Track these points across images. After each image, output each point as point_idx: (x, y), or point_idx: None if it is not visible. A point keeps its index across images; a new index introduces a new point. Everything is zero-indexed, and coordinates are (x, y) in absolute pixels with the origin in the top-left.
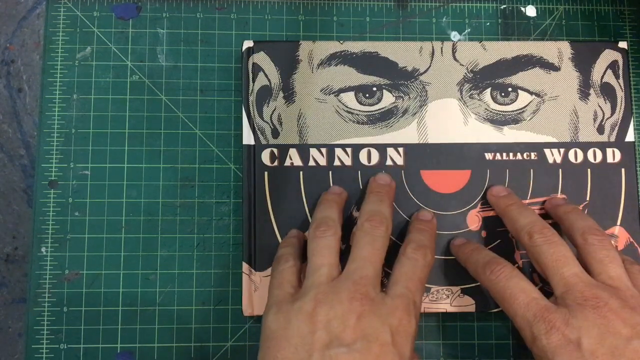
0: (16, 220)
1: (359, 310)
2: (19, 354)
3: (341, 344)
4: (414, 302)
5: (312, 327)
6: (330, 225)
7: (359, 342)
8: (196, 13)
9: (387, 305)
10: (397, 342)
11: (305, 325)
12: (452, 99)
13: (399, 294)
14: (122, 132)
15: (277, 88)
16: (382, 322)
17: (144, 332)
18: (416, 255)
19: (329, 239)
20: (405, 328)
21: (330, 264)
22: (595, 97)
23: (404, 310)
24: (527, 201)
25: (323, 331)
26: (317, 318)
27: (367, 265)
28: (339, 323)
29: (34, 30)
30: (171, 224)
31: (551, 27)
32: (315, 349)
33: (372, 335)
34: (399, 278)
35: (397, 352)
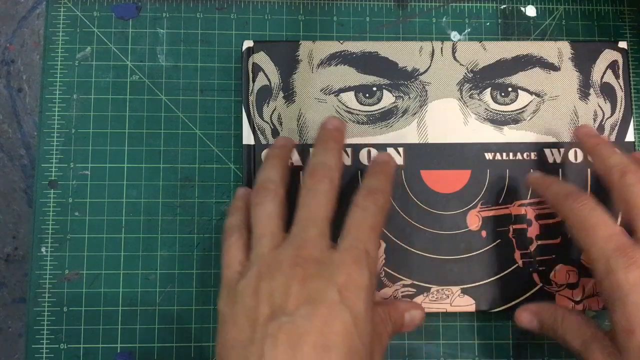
0: (16, 220)
1: (302, 275)
2: (19, 354)
3: (284, 313)
4: (365, 252)
5: (255, 303)
6: (270, 188)
7: (302, 308)
8: (196, 13)
9: (334, 262)
10: (346, 299)
11: (249, 302)
12: (452, 99)
13: (347, 247)
14: (122, 132)
15: (277, 88)
16: (327, 281)
17: (144, 332)
18: (366, 202)
19: (267, 205)
20: (356, 282)
21: (272, 232)
22: (595, 97)
23: (352, 263)
24: (527, 201)
25: (265, 304)
26: (260, 292)
27: (309, 226)
28: (281, 293)
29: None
30: (171, 224)
31: (551, 27)
32: (258, 324)
33: (317, 297)
34: (349, 229)
35: (347, 308)
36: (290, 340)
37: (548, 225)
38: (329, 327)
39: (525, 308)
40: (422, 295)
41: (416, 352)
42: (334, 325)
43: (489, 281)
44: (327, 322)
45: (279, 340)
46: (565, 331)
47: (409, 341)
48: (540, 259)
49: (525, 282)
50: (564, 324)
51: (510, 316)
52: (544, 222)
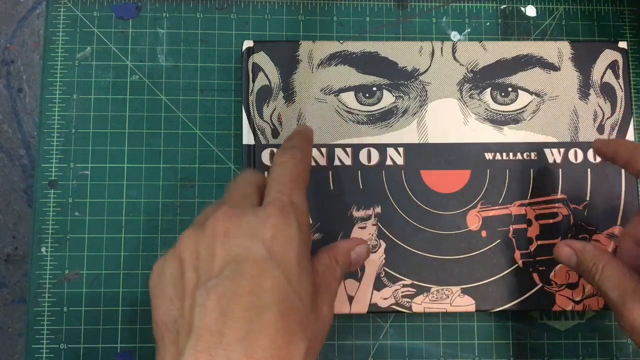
0: (16, 220)
1: (222, 231)
2: (19, 354)
3: (210, 277)
4: (290, 202)
5: (180, 270)
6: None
7: (227, 269)
8: (196, 13)
9: (258, 216)
10: (275, 253)
11: (175, 271)
12: (452, 99)
13: (270, 200)
14: (122, 132)
15: (277, 88)
16: (252, 236)
17: (144, 332)
18: (284, 158)
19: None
20: (284, 233)
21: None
22: (595, 97)
23: (278, 215)
24: (527, 201)
25: (191, 271)
26: (183, 258)
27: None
28: (206, 254)
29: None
30: (171, 224)
31: (551, 27)
32: (186, 293)
33: (242, 255)
34: (270, 185)
35: (276, 263)
36: (220, 305)
37: (548, 225)
38: (259, 286)
39: (567, 242)
40: (422, 295)
41: (416, 352)
42: (264, 283)
43: (489, 281)
44: (256, 281)
45: (209, 307)
46: (604, 279)
47: (409, 341)
48: (540, 259)
49: (525, 282)
50: (604, 271)
51: (511, 316)
52: (544, 222)
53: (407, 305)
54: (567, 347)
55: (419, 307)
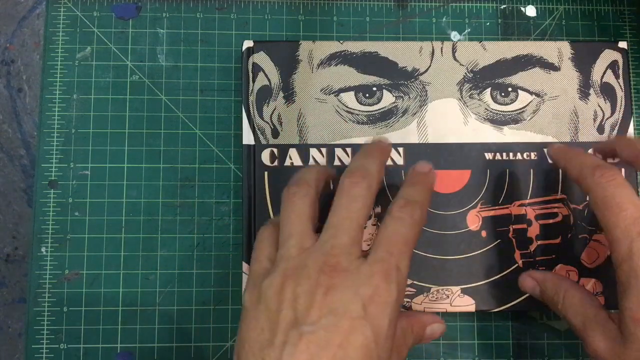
0: (16, 220)
1: (327, 284)
2: (19, 354)
3: (306, 322)
4: (396, 267)
5: (278, 305)
6: (302, 184)
7: (324, 319)
8: (196, 13)
9: (361, 274)
10: (370, 314)
11: (273, 303)
12: (452, 99)
13: (378, 259)
14: (122, 132)
15: (277, 88)
16: (353, 293)
17: (144, 332)
18: (402, 214)
19: (298, 204)
20: (382, 297)
21: (301, 232)
22: (595, 97)
23: (381, 277)
24: (527, 201)
25: (289, 309)
26: (284, 295)
27: (340, 232)
28: (305, 299)
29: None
30: (171, 224)
31: (551, 27)
32: (279, 329)
33: (340, 309)
34: (381, 241)
35: (369, 324)
36: (310, 351)
37: (548, 225)
38: (349, 342)
39: (529, 274)
40: (422, 295)
41: (416, 352)
42: (355, 340)
43: (489, 281)
44: (347, 337)
45: (298, 349)
46: (567, 307)
47: None
48: (540, 259)
49: None
50: (566, 299)
51: (510, 316)
52: (544, 222)
53: (407, 305)
54: (567, 347)
55: (419, 307)
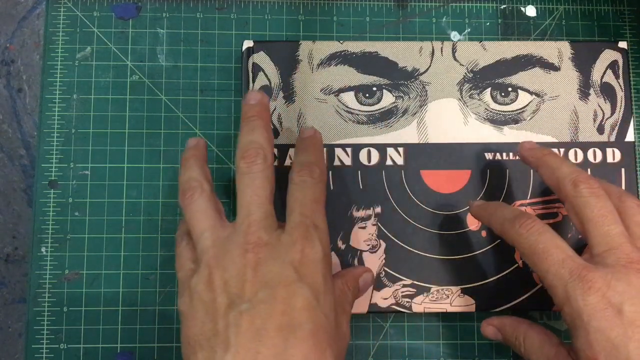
0: (16, 220)
1: (254, 260)
2: (19, 354)
3: (242, 300)
4: (313, 226)
5: (212, 295)
6: (194, 186)
7: (260, 292)
8: (196, 13)
9: (284, 242)
10: (304, 275)
11: (206, 295)
12: (452, 99)
13: (294, 225)
14: (122, 132)
15: (277, 88)
16: (281, 262)
17: (144, 332)
18: (302, 177)
19: (197, 203)
20: (310, 256)
21: (211, 225)
22: (595, 97)
23: (303, 239)
24: (527, 201)
25: (222, 295)
26: (214, 284)
27: (252, 209)
28: (236, 281)
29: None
30: (171, 224)
31: (551, 27)
32: (219, 315)
33: (273, 279)
34: (292, 207)
35: (305, 285)
36: (254, 325)
37: (548, 225)
38: (290, 306)
39: (489, 322)
40: (422, 295)
41: (416, 352)
42: (295, 303)
43: (489, 281)
44: (287, 302)
45: (243, 327)
46: (529, 350)
47: (409, 341)
48: None
49: (525, 282)
50: (526, 343)
51: None
52: (543, 222)
53: (407, 305)
54: None
55: (419, 307)
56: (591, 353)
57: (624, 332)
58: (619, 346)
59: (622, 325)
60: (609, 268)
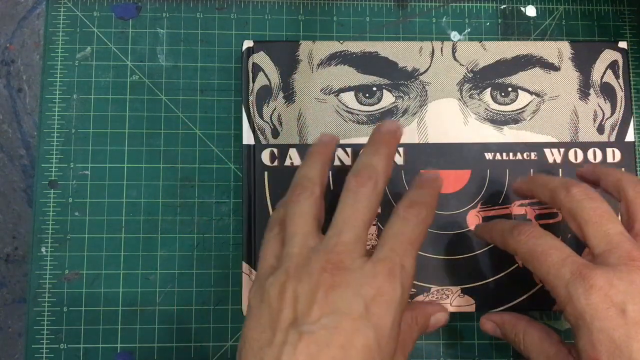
0: (16, 220)
1: (329, 283)
2: (19, 354)
3: (306, 321)
4: (400, 266)
5: (280, 305)
6: (306, 186)
7: (325, 318)
8: (196, 13)
9: (365, 272)
10: (373, 314)
11: (274, 302)
12: (452, 99)
13: (381, 258)
14: (122, 132)
15: (277, 88)
16: (356, 292)
17: (144, 332)
18: (407, 214)
19: (302, 204)
20: (386, 296)
21: (304, 232)
22: (595, 97)
23: (385, 275)
24: (527, 201)
25: (289, 309)
26: (285, 294)
27: (345, 230)
28: (306, 298)
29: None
30: (171, 224)
31: (551, 27)
32: (279, 329)
33: (342, 309)
34: (386, 240)
35: (372, 325)
36: (309, 351)
37: (548, 225)
38: (350, 343)
39: (488, 317)
40: (422, 295)
41: (416, 352)
42: (356, 341)
43: (489, 281)
44: (348, 337)
45: (298, 349)
46: (528, 347)
47: None
48: None
49: (525, 282)
50: (526, 340)
51: None
52: (544, 222)
53: None
54: None
55: None
56: (594, 353)
57: (627, 332)
58: (621, 346)
59: (626, 325)
60: (610, 267)
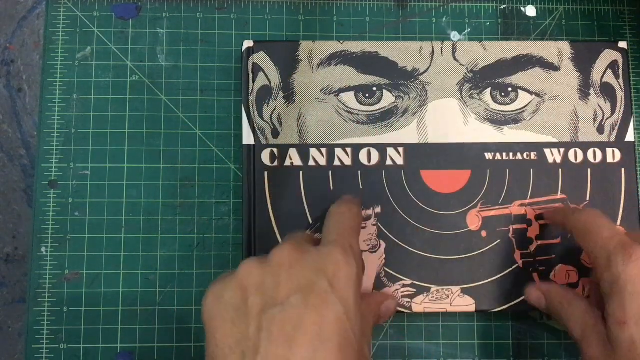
0: (16, 220)
1: (289, 261)
2: (19, 354)
3: (275, 303)
4: (350, 246)
5: (243, 295)
6: None
7: (293, 297)
8: (196, 13)
9: (321, 253)
10: (337, 289)
11: (236, 295)
12: (452, 99)
13: (332, 241)
14: (122, 132)
15: (277, 88)
16: (317, 270)
17: (144, 332)
18: (341, 209)
19: None
20: (345, 273)
21: None
22: (595, 97)
23: (340, 254)
24: (527, 201)
25: (255, 296)
26: (246, 284)
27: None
28: (270, 282)
29: (34, 30)
30: (171, 224)
31: (551, 27)
32: (251, 316)
33: (307, 286)
34: (330, 229)
35: (338, 299)
36: (285, 331)
37: (548, 225)
38: (322, 317)
39: (535, 286)
40: (422, 295)
41: (416, 352)
42: (327, 315)
43: (489, 281)
44: (320, 312)
45: (274, 332)
46: (569, 317)
47: (409, 341)
48: (540, 259)
49: (525, 282)
50: (569, 310)
51: (510, 316)
52: (544, 222)
53: (407, 305)
54: (567, 347)
55: (419, 307)
56: (622, 316)
57: None
58: None
59: None
60: None
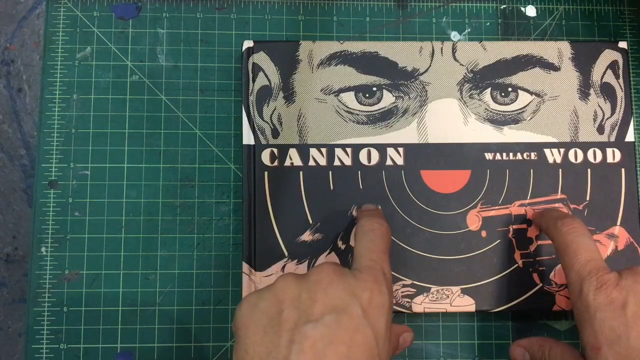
0: (16, 220)
1: (327, 280)
2: (19, 354)
3: (309, 319)
4: (382, 273)
5: (278, 307)
6: None
7: (328, 316)
8: (196, 13)
9: (356, 278)
10: (369, 315)
11: (271, 306)
12: (452, 99)
13: (365, 266)
14: (122, 132)
15: (277, 88)
16: (351, 294)
17: (144, 332)
18: (373, 225)
19: None
20: (377, 300)
21: None
22: (595, 97)
23: (373, 281)
24: (527, 201)
25: (290, 309)
26: (282, 297)
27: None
28: (307, 298)
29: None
30: (171, 224)
31: (551, 27)
32: (283, 329)
33: (342, 307)
34: (362, 253)
35: (369, 325)
36: (316, 348)
37: None
38: (352, 339)
39: (517, 343)
40: (422, 295)
41: (416, 352)
42: (358, 339)
43: (489, 281)
44: (351, 334)
45: (305, 347)
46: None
47: None
48: (540, 259)
49: (525, 282)
50: (550, 353)
51: (510, 316)
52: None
53: (407, 305)
54: None
55: (419, 307)
56: (595, 342)
57: (625, 322)
58: (620, 335)
59: (625, 317)
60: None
